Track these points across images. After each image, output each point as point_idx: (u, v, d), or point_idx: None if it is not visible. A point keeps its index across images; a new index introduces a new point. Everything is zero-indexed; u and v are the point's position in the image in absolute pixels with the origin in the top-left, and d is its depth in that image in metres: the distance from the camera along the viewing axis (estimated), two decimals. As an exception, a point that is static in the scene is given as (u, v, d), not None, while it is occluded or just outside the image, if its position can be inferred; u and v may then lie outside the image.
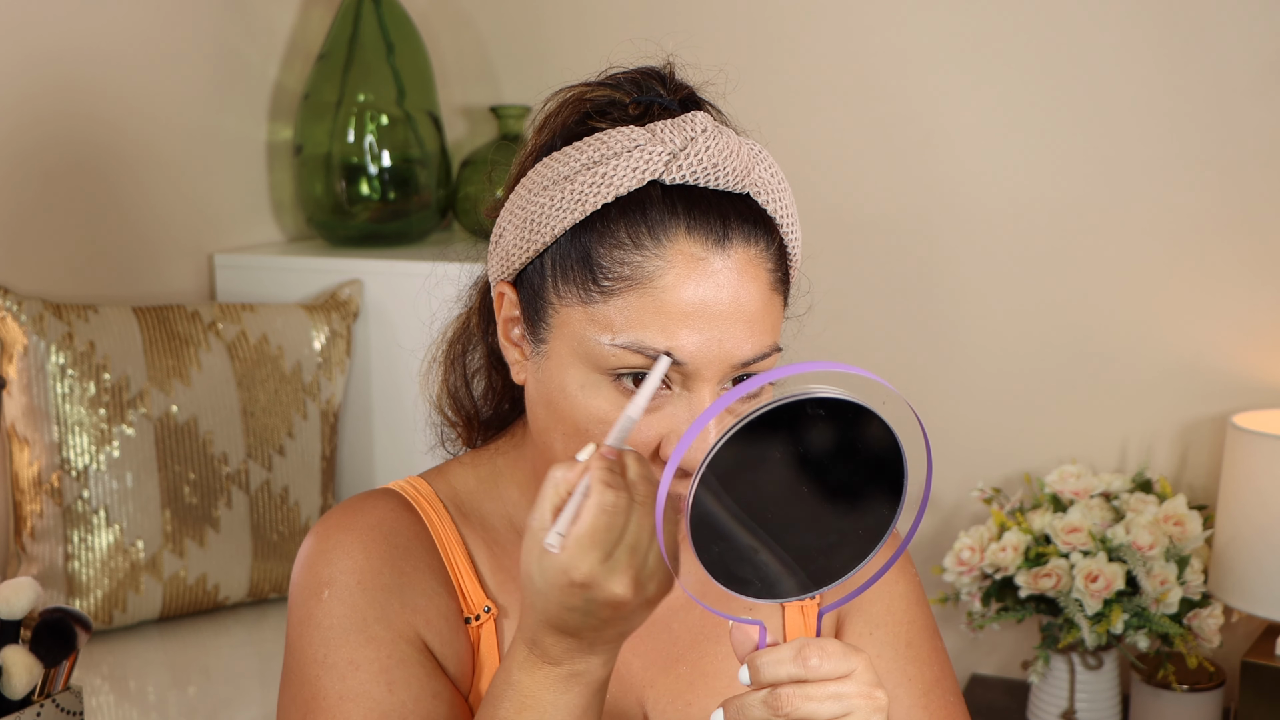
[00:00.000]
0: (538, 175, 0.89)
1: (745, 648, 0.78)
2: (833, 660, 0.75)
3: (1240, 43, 1.94)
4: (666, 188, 0.85)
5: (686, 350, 0.83)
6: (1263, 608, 1.77)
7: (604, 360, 0.84)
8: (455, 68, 2.44)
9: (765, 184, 0.88)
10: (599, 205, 0.85)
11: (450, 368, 1.02)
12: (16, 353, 1.76)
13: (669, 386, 0.85)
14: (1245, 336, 1.99)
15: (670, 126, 0.86)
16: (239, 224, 2.27)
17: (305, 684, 0.90)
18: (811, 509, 0.77)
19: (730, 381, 0.86)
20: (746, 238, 0.86)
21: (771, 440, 0.74)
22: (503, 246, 0.91)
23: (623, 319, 0.84)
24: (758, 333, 0.85)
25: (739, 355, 0.85)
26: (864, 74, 2.17)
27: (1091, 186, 2.06)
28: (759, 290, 0.86)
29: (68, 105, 1.92)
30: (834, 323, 2.15)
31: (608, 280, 0.84)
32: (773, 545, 0.76)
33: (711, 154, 0.85)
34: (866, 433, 0.76)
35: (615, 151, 0.86)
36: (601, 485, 0.76)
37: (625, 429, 0.79)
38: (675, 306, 0.83)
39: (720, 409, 0.76)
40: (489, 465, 1.00)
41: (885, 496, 0.77)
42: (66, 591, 1.77)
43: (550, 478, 0.78)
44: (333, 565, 0.92)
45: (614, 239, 0.85)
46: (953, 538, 2.10)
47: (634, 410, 0.79)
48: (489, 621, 0.95)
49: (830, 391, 0.74)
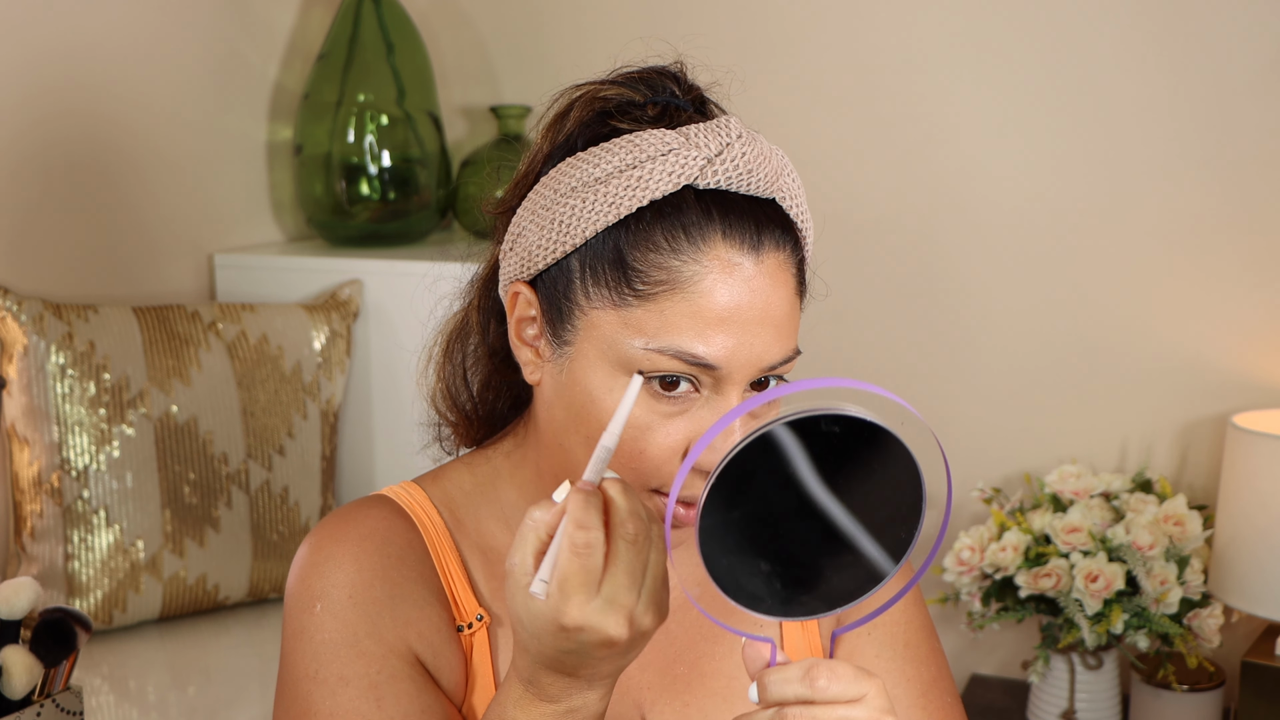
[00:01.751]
0: (563, 176, 0.89)
1: (757, 664, 0.78)
2: (842, 683, 0.74)
3: (1240, 43, 1.94)
4: (700, 192, 0.86)
5: (720, 354, 0.83)
6: (1263, 608, 1.77)
7: (636, 364, 0.84)
8: (455, 68, 2.44)
9: (790, 190, 0.89)
10: (634, 208, 0.85)
11: (448, 365, 1.02)
12: (16, 353, 1.76)
13: (698, 389, 0.85)
14: (1245, 336, 1.99)
15: (704, 131, 0.87)
16: (239, 224, 2.27)
17: (297, 699, 0.90)
18: (826, 527, 0.75)
19: (751, 386, 0.86)
20: (777, 243, 0.87)
21: (788, 454, 0.73)
22: (522, 247, 0.90)
23: (657, 323, 0.84)
24: (784, 336, 0.86)
25: (768, 359, 0.85)
26: (866, 73, 2.17)
27: (1091, 186, 2.06)
28: (787, 294, 0.87)
29: (68, 105, 1.92)
30: (835, 321, 2.16)
31: (643, 284, 0.85)
32: (786, 561, 0.75)
33: (746, 159, 0.86)
34: (887, 455, 0.75)
35: (650, 155, 0.85)
36: (573, 526, 0.75)
37: (602, 459, 0.77)
38: (710, 311, 0.84)
39: (728, 422, 0.75)
40: (487, 466, 1.00)
41: (903, 520, 0.76)
42: (66, 591, 1.77)
43: (528, 518, 0.77)
44: (324, 578, 0.92)
45: (650, 243, 0.85)
46: (953, 538, 2.10)
47: (609, 440, 0.77)
48: (481, 630, 0.95)
49: (856, 411, 0.73)
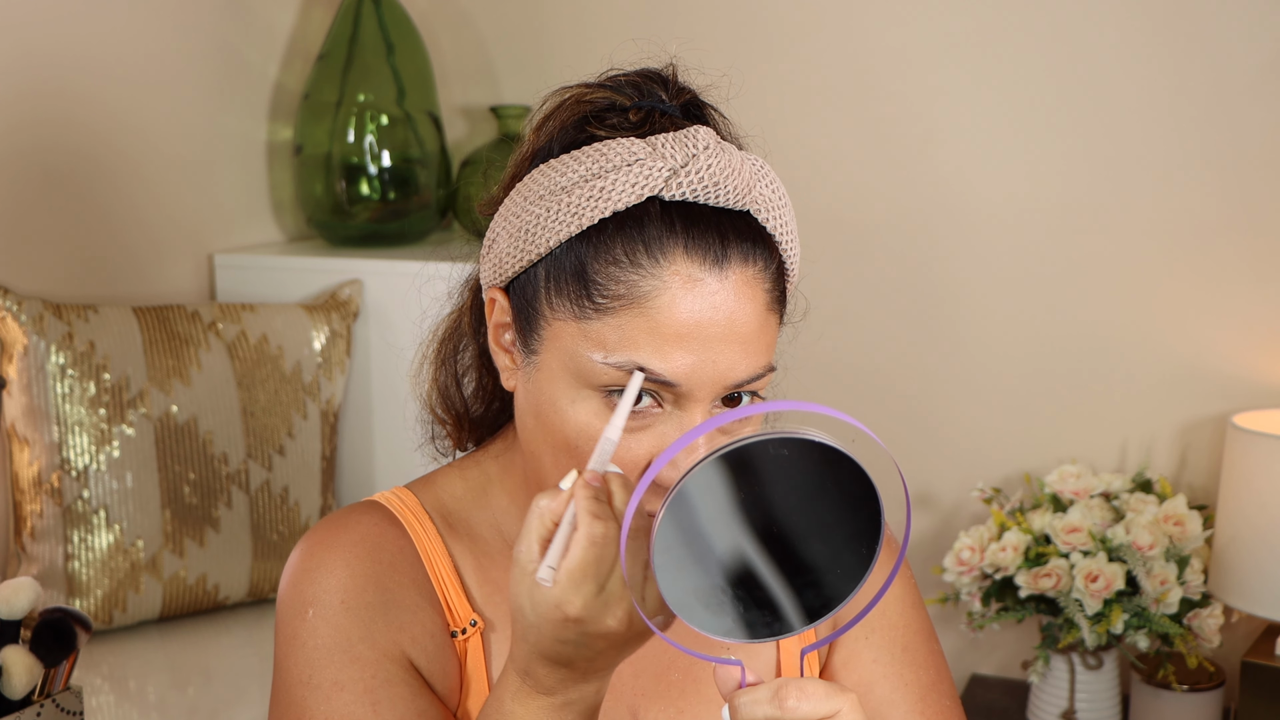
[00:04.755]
0: (534, 183, 0.88)
1: (728, 686, 0.77)
2: (812, 701, 0.73)
3: (1240, 43, 1.94)
4: (665, 204, 0.84)
5: (680, 371, 0.82)
6: (1263, 608, 1.77)
7: (595, 377, 0.83)
8: (455, 68, 2.44)
9: (766, 201, 0.87)
10: (596, 220, 0.84)
11: (441, 366, 1.01)
12: (16, 353, 1.76)
13: (660, 405, 0.84)
14: (1245, 336, 1.99)
15: (671, 141, 0.85)
16: (239, 224, 2.27)
17: (292, 704, 0.90)
18: (785, 549, 0.75)
19: (721, 401, 0.85)
20: (745, 257, 0.84)
21: (744, 476, 0.73)
22: (495, 252, 0.90)
23: (616, 337, 0.82)
24: (752, 354, 0.84)
25: (733, 376, 0.83)
26: (863, 74, 2.17)
27: (1091, 186, 2.06)
28: (755, 310, 0.84)
29: (68, 105, 1.92)
30: (834, 324, 2.16)
31: (602, 298, 0.83)
32: (745, 584, 0.75)
33: (713, 171, 0.84)
34: (841, 473, 0.74)
35: (614, 165, 0.84)
36: (590, 517, 0.75)
37: (606, 451, 0.78)
38: (670, 327, 0.82)
39: (692, 438, 0.74)
40: (479, 471, 0.99)
41: (863, 537, 0.75)
42: (66, 591, 1.77)
43: (535, 508, 0.77)
44: (317, 584, 0.92)
45: (610, 255, 0.83)
46: (953, 538, 2.10)
47: (612, 432, 0.77)
48: (475, 635, 0.94)
49: (811, 434, 0.73)
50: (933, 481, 2.19)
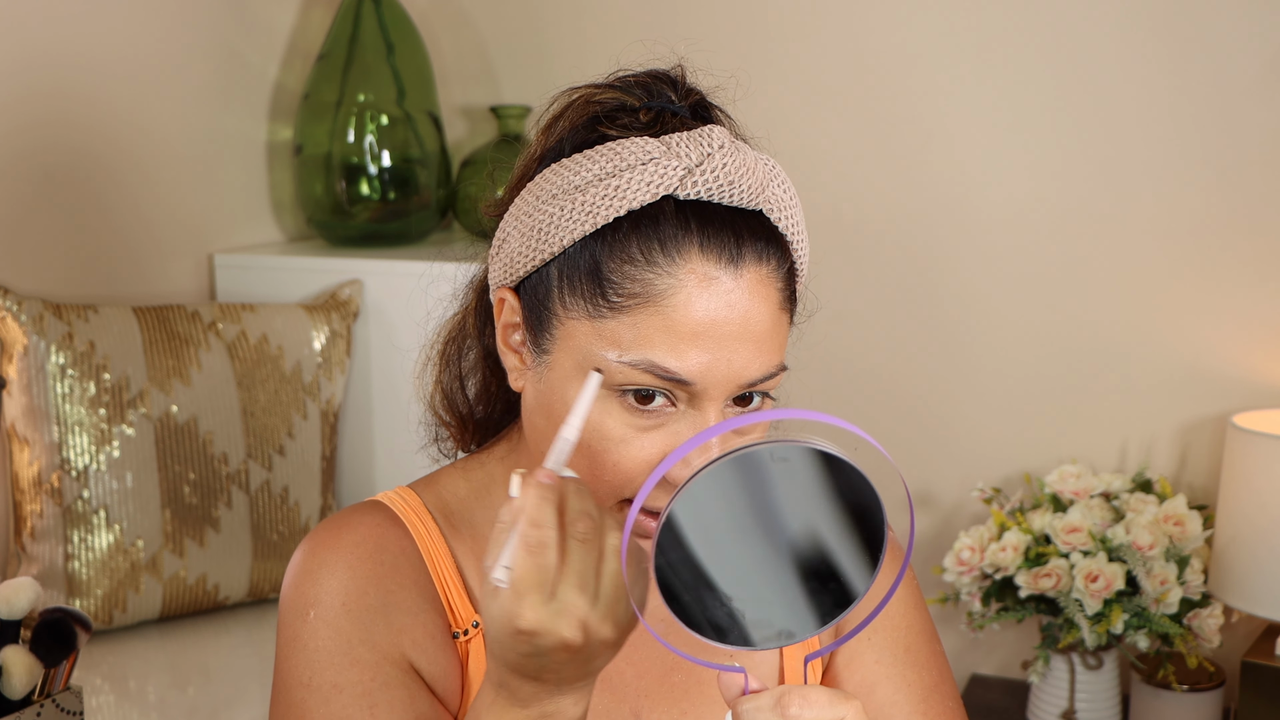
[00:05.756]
0: (546, 182, 0.87)
1: (732, 692, 0.77)
2: (815, 708, 0.73)
3: (1240, 43, 1.94)
4: (680, 203, 0.84)
5: (695, 369, 0.82)
6: (1263, 608, 1.77)
7: (610, 376, 0.83)
8: (455, 68, 2.44)
9: (779, 201, 0.87)
10: (610, 218, 0.84)
11: (445, 367, 1.01)
12: (16, 353, 1.76)
13: (674, 404, 0.84)
14: (1245, 336, 1.99)
15: (686, 140, 0.85)
16: (239, 224, 2.27)
17: (291, 706, 0.90)
18: (791, 555, 0.75)
19: (735, 402, 0.85)
20: (759, 256, 0.84)
21: (751, 481, 0.73)
22: (506, 252, 0.90)
23: (631, 336, 0.82)
24: (765, 352, 0.84)
25: (746, 375, 0.83)
26: (865, 75, 2.17)
27: (1092, 187, 2.06)
28: (769, 310, 0.84)
29: (68, 105, 1.92)
30: (835, 324, 2.16)
31: (617, 296, 0.83)
32: (749, 592, 0.75)
33: (728, 170, 0.84)
34: (846, 482, 0.74)
35: (629, 164, 0.84)
36: (526, 523, 0.73)
37: (564, 451, 0.76)
38: (685, 325, 0.82)
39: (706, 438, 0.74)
40: (482, 471, 0.99)
41: (867, 546, 0.75)
42: (66, 591, 1.77)
43: (499, 519, 0.76)
44: (318, 585, 0.91)
45: (625, 254, 0.83)
46: (953, 538, 2.10)
47: (569, 431, 0.76)
48: (477, 636, 0.94)
49: (817, 442, 0.73)
50: (933, 481, 2.19)
